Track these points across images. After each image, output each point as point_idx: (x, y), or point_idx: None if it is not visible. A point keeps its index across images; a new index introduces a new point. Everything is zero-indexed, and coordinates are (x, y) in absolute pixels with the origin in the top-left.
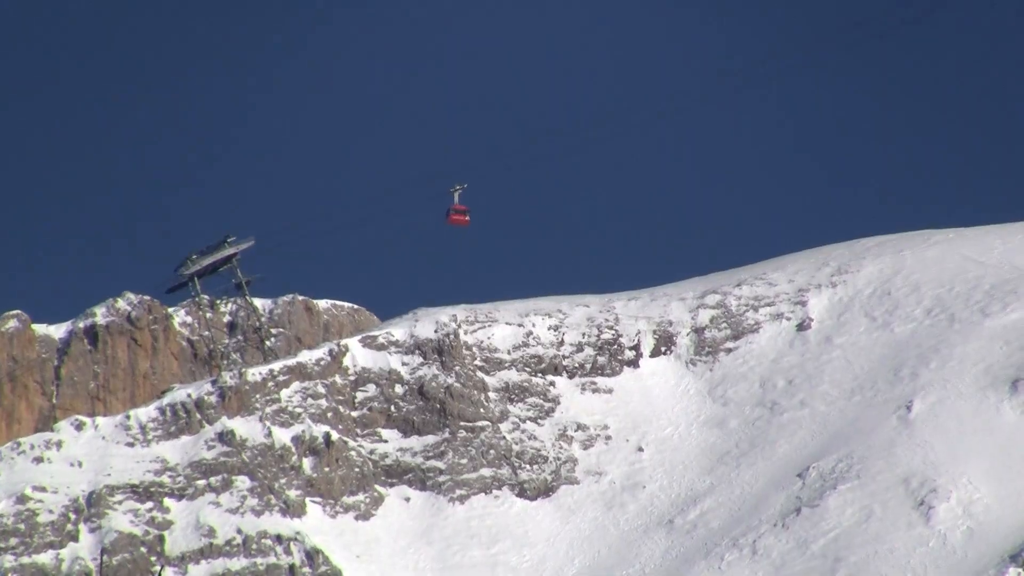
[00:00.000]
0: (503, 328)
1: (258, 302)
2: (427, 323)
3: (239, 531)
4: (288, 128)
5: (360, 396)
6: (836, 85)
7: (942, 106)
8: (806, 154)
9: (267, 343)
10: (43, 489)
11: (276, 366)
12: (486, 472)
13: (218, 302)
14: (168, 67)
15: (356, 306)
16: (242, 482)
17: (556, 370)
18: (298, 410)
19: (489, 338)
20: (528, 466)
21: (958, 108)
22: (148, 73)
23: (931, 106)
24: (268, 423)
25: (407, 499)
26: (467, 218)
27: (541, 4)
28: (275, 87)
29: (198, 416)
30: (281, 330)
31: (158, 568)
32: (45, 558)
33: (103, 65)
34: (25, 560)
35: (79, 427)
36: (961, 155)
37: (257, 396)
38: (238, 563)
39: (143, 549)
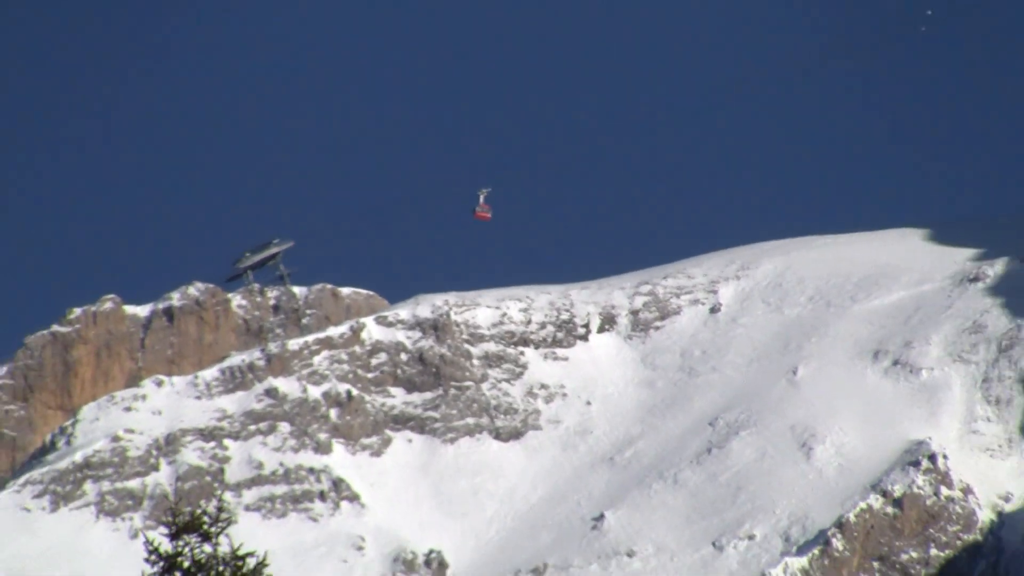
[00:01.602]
0: (484, 310)
1: (296, 290)
2: (426, 306)
3: (281, 464)
4: (323, 146)
5: (374, 362)
6: (750, 114)
7: (829, 135)
8: (721, 174)
9: (303, 321)
10: (131, 431)
11: (310, 339)
12: (470, 420)
13: (265, 289)
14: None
15: (371, 293)
16: (283, 427)
17: (525, 343)
18: (326, 372)
19: (473, 318)
20: (502, 416)
21: (838, 138)
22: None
23: (820, 135)
24: (303, 382)
25: (409, 441)
26: (489, 215)
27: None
28: (309, 113)
29: (250, 376)
30: (313, 311)
31: (219, 493)
32: (133, 484)
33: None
34: (118, 485)
35: (159, 384)
36: (838, 175)
37: (295, 361)
38: (280, 489)
39: (208, 478)
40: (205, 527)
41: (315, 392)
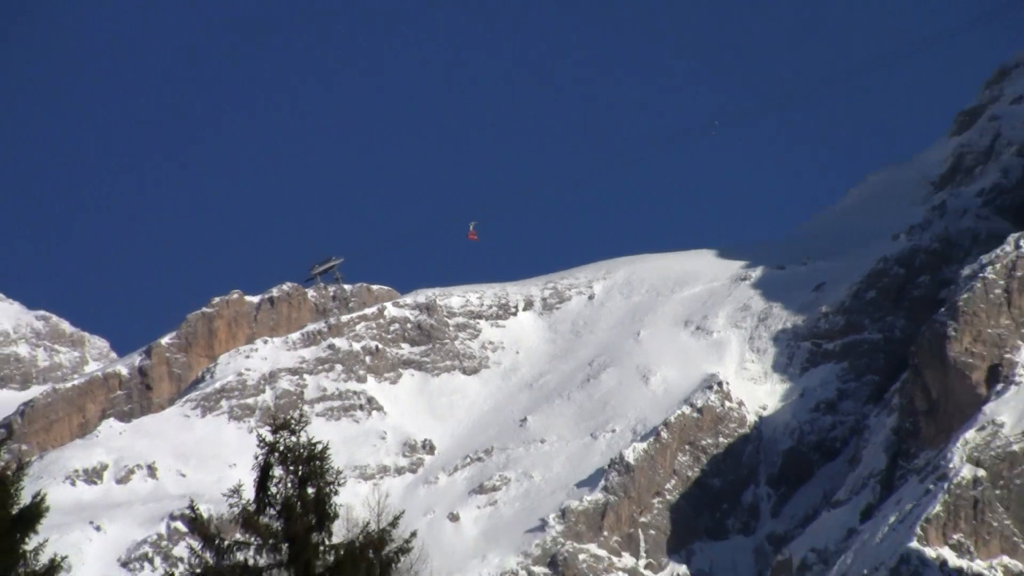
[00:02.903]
0: (456, 297)
1: (345, 286)
2: (422, 295)
3: (337, 389)
4: (361, 189)
5: (391, 328)
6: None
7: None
8: (597, 213)
9: (349, 305)
10: (249, 370)
11: (354, 315)
12: (448, 363)
13: (327, 286)
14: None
15: (390, 288)
16: (338, 367)
17: (480, 317)
18: (363, 335)
19: (449, 302)
20: (467, 360)
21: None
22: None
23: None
24: (350, 340)
25: (412, 375)
26: (476, 238)
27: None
28: (361, 157)
29: (318, 337)
30: (356, 299)
31: (300, 406)
32: (250, 400)
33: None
34: (241, 401)
35: (265, 343)
36: (666, 214)
37: (345, 328)
38: (336, 403)
39: (293, 397)
40: (292, 426)
41: (356, 346)
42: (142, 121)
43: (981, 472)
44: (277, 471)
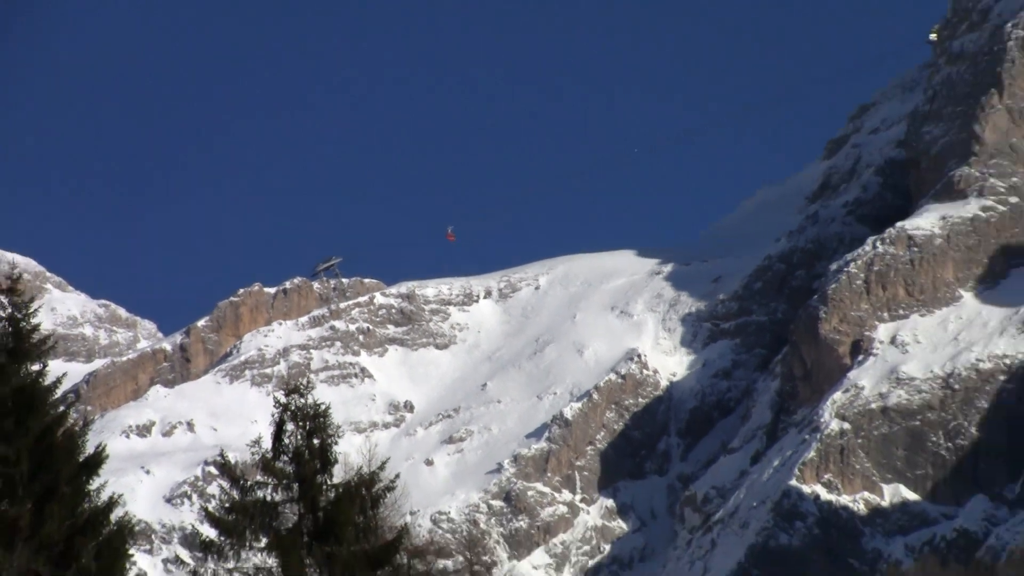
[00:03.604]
0: (431, 288)
1: (344, 280)
2: (404, 287)
3: (337, 361)
4: (356, 197)
5: (379, 313)
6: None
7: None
8: (541, 219)
9: (346, 294)
10: (267, 346)
11: (350, 303)
12: (424, 339)
13: (329, 280)
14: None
15: (379, 281)
16: (338, 344)
17: (450, 303)
18: (357, 318)
19: (426, 292)
20: (439, 337)
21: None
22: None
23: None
24: (347, 323)
25: (396, 349)
26: (454, 238)
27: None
28: (361, 164)
29: (322, 320)
30: (351, 290)
31: (308, 375)
32: (267, 370)
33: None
34: (261, 371)
35: (280, 324)
36: (596, 219)
37: (343, 313)
38: (336, 372)
39: (303, 367)
40: (301, 390)
41: (352, 327)
42: (182, 136)
43: (846, 425)
44: (289, 426)
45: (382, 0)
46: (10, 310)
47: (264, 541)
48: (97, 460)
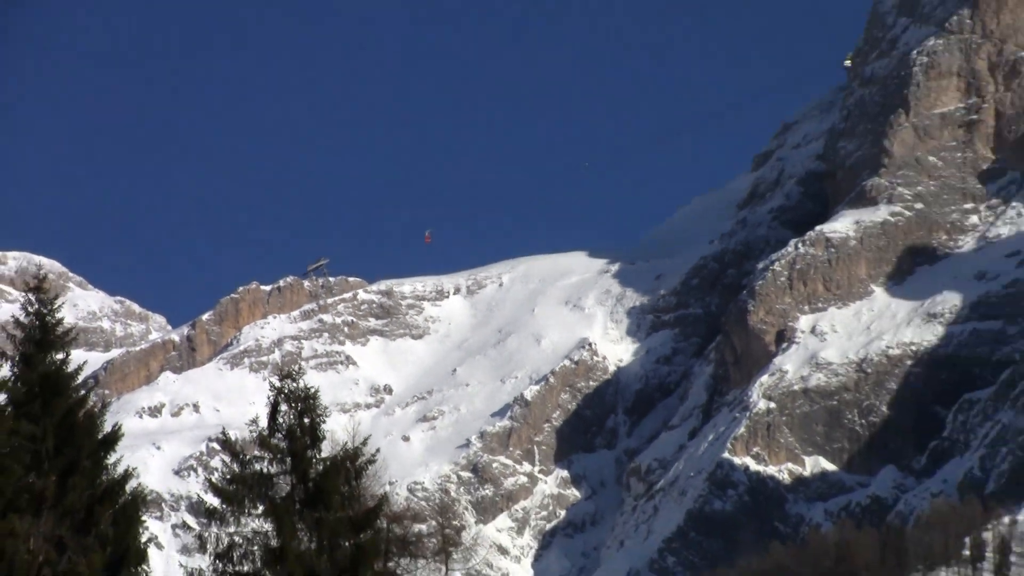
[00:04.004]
0: (408, 286)
1: (331, 279)
2: (384, 284)
3: (325, 350)
4: (349, 204)
5: (362, 308)
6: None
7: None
8: (505, 222)
9: (333, 291)
10: (264, 337)
11: (336, 299)
12: (401, 330)
13: (318, 279)
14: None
15: (362, 279)
16: (326, 335)
17: (424, 299)
18: (342, 312)
19: (403, 289)
20: (415, 328)
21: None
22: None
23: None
24: (334, 316)
25: (377, 339)
26: (430, 240)
27: None
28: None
29: (312, 314)
30: (337, 287)
31: (300, 362)
32: (264, 358)
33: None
34: (259, 359)
35: (275, 317)
36: (556, 226)
37: (330, 308)
38: (324, 360)
39: (295, 355)
40: (293, 376)
41: (338, 320)
42: (198, 148)
43: (772, 405)
44: (283, 407)
45: (369, 19)
46: (37, 306)
47: (261, 508)
48: (114, 437)
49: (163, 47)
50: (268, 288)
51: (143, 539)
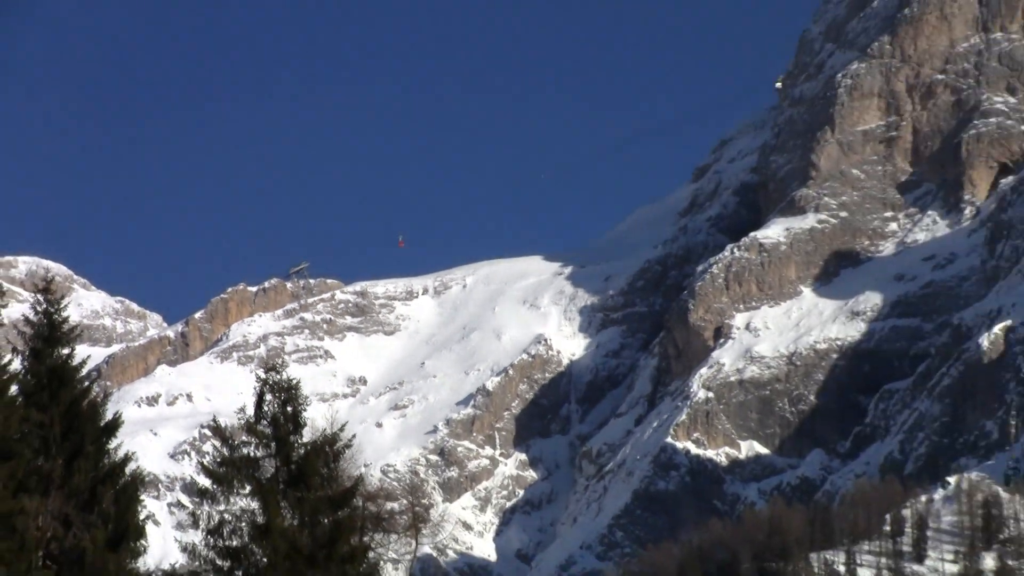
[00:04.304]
0: (381, 287)
1: (312, 280)
2: (359, 285)
3: (307, 345)
4: (325, 213)
5: (339, 307)
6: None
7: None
8: (466, 230)
9: (313, 291)
10: (250, 333)
11: (316, 298)
12: (375, 327)
13: (300, 280)
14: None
15: (339, 280)
16: (307, 331)
17: (395, 298)
18: (322, 310)
19: (376, 290)
20: (387, 325)
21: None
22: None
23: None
24: (314, 314)
25: (353, 335)
26: (402, 245)
27: None
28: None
29: (295, 312)
30: (316, 288)
31: (283, 356)
32: (251, 352)
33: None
34: (246, 353)
35: (260, 316)
36: (512, 231)
37: (310, 307)
38: (305, 354)
39: (279, 349)
40: (277, 369)
41: (318, 318)
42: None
43: (711, 394)
44: (268, 397)
45: (336, 44)
46: (45, 306)
47: (248, 489)
48: (115, 425)
49: (159, 50)
50: (254, 289)
51: (142, 516)
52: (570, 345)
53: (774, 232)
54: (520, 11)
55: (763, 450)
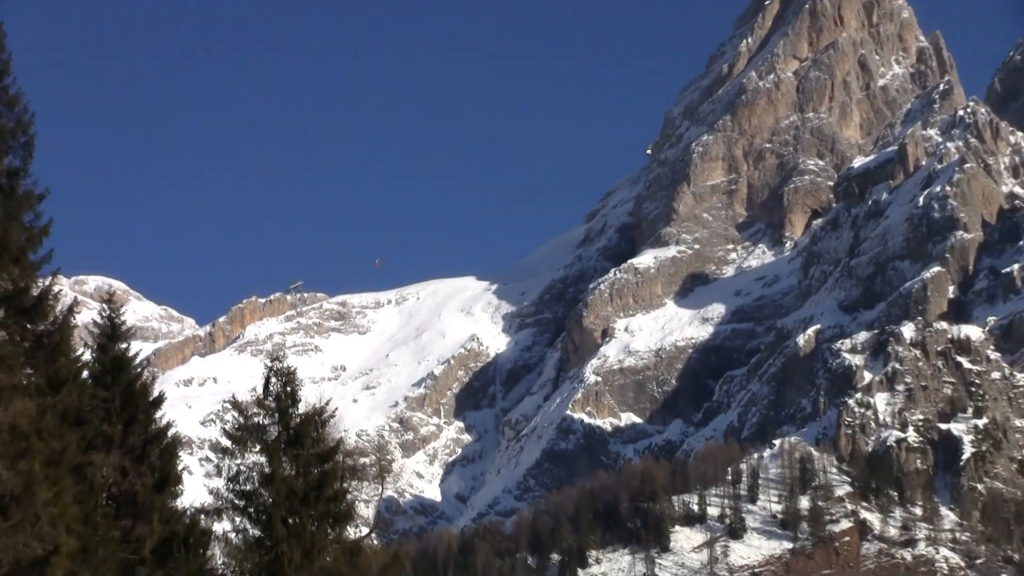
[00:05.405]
0: (358, 299)
1: (304, 294)
2: (341, 298)
3: (304, 341)
4: (321, 236)
5: (327, 313)
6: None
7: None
8: (425, 252)
9: (305, 302)
10: (259, 333)
11: (309, 307)
12: (351, 328)
13: (296, 295)
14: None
15: (326, 295)
16: (302, 332)
17: (368, 308)
18: (313, 315)
19: (353, 300)
20: (361, 327)
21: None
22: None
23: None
24: (306, 319)
25: (336, 334)
26: (379, 266)
27: None
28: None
29: (293, 317)
30: (309, 300)
31: (285, 350)
32: (263, 347)
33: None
34: (257, 347)
35: (267, 321)
36: (460, 259)
37: (303, 314)
38: (302, 347)
39: (282, 344)
40: (280, 359)
41: (310, 322)
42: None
43: (599, 379)
44: (273, 380)
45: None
46: (108, 312)
47: (258, 448)
48: (160, 400)
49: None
50: (263, 300)
51: (179, 468)
52: (496, 342)
53: (646, 259)
54: (462, 69)
55: (638, 420)
